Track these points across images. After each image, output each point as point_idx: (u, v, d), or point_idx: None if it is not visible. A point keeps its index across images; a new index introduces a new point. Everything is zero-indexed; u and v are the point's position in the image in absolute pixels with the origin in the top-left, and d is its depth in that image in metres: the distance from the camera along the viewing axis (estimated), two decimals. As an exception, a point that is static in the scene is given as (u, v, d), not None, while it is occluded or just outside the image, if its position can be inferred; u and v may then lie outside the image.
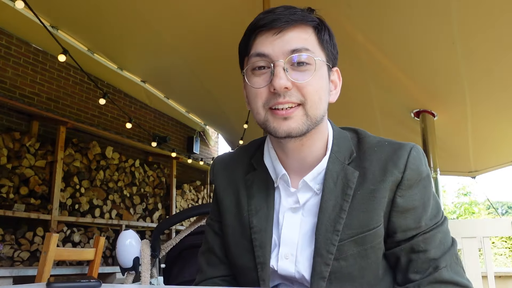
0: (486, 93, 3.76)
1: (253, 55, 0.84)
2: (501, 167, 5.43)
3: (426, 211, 0.86)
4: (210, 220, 1.02)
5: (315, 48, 0.84)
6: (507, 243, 11.17)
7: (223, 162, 1.01)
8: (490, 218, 7.18)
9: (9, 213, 3.87)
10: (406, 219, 0.85)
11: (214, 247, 0.98)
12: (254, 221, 0.89)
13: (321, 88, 0.84)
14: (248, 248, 0.89)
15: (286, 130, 0.82)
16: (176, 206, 6.24)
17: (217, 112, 6.10)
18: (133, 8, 3.87)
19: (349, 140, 0.92)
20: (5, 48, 4.37)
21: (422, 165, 0.86)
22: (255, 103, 0.85)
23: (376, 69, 3.69)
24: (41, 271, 1.94)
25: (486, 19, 2.90)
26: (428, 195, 0.87)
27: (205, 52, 4.38)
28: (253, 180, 0.93)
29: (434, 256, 0.83)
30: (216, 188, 0.99)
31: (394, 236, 0.86)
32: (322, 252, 0.83)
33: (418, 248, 0.84)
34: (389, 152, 0.87)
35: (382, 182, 0.84)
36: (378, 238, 0.85)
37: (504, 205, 18.47)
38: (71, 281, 0.78)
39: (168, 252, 1.73)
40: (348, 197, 0.84)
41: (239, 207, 0.93)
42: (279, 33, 0.82)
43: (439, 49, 3.26)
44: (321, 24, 0.87)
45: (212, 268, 0.98)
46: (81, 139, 4.96)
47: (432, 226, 0.86)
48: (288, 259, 0.87)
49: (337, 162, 0.87)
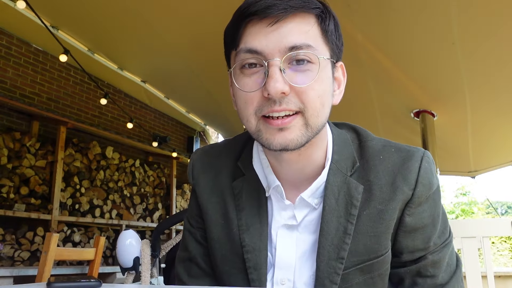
0: (486, 93, 3.76)
1: (243, 50, 0.69)
2: (501, 167, 5.43)
3: (436, 228, 0.77)
4: (190, 226, 0.88)
5: (318, 42, 0.69)
6: (506, 243, 11.17)
7: (203, 162, 0.86)
8: (490, 218, 7.19)
9: (9, 213, 3.87)
10: (414, 240, 0.76)
11: (197, 257, 0.86)
12: (246, 239, 0.77)
13: (325, 92, 0.70)
14: (240, 268, 0.78)
15: (281, 142, 0.68)
16: (176, 206, 6.24)
17: (217, 112, 6.10)
18: (133, 8, 3.87)
19: (350, 144, 0.80)
20: (6, 48, 4.37)
21: (433, 178, 0.76)
22: (245, 110, 0.71)
23: (376, 69, 3.69)
24: (41, 271, 1.94)
25: (486, 19, 2.90)
26: (438, 210, 0.78)
27: (205, 52, 4.38)
28: (242, 187, 0.80)
29: (441, 282, 0.76)
30: (198, 195, 0.84)
31: (400, 256, 0.78)
32: (325, 282, 0.73)
33: (426, 273, 0.76)
34: (397, 162, 0.75)
35: (391, 201, 0.73)
36: (386, 265, 0.76)
37: (504, 205, 18.47)
38: (72, 280, 0.78)
39: (168, 252, 1.73)
40: (352, 218, 0.73)
41: (227, 219, 0.80)
42: (275, 23, 0.66)
43: (439, 49, 3.26)
44: (325, 11, 0.72)
45: (194, 281, 0.86)
46: (81, 139, 4.96)
47: (440, 245, 0.78)
48: (285, 285, 0.77)
49: (338, 174, 0.76)
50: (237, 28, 0.71)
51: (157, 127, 6.46)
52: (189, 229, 0.89)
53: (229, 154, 0.84)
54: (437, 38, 3.16)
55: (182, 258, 0.90)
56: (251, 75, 0.69)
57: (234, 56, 0.72)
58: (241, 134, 0.88)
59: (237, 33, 0.71)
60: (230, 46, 0.73)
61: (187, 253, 0.88)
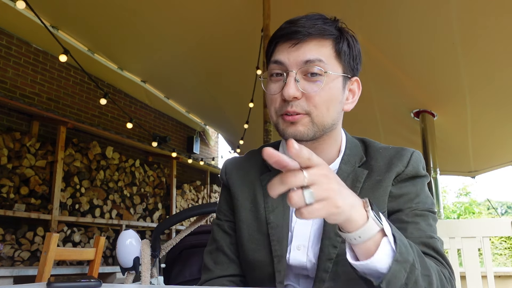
0: (486, 93, 3.76)
1: (272, 62, 0.90)
2: (501, 167, 5.44)
3: (419, 197, 0.91)
4: (218, 220, 1.04)
5: (330, 59, 0.87)
6: (506, 243, 11.17)
7: (235, 163, 1.04)
8: (490, 218, 7.18)
9: (9, 213, 3.87)
10: (398, 202, 0.90)
11: (223, 246, 0.99)
12: (271, 217, 0.93)
13: (331, 99, 0.87)
14: (264, 243, 0.92)
15: (292, 132, 0.87)
16: (176, 206, 6.24)
17: (217, 112, 6.10)
18: (133, 9, 3.87)
19: (359, 147, 0.98)
20: (6, 48, 4.37)
21: (421, 166, 0.93)
22: (270, 108, 0.92)
23: (376, 69, 3.69)
24: (41, 271, 1.94)
25: (486, 19, 2.90)
26: (421, 191, 0.92)
27: (205, 52, 4.38)
28: (269, 180, 0.92)
29: (424, 229, 0.86)
30: (230, 186, 1.01)
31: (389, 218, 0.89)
32: (330, 235, 0.87)
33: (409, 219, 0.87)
34: (393, 152, 0.94)
35: (387, 172, 0.91)
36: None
37: (504, 205, 18.48)
38: (72, 280, 0.78)
39: (168, 252, 1.73)
40: (356, 189, 0.89)
41: (255, 203, 0.96)
42: (296, 44, 0.86)
43: (439, 49, 3.26)
44: (341, 36, 0.90)
45: (220, 267, 0.98)
46: (81, 139, 4.96)
47: (425, 209, 0.90)
48: (300, 250, 0.90)
49: (348, 164, 0.93)
50: (270, 46, 0.93)
51: (157, 127, 6.47)
52: (217, 223, 1.04)
53: (257, 157, 1.02)
54: (437, 38, 3.16)
55: (209, 250, 1.03)
56: (275, 82, 0.89)
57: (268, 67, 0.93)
58: (267, 143, 1.09)
59: (270, 50, 0.93)
60: (267, 59, 0.94)
61: (214, 243, 1.02)
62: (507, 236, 2.11)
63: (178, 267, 1.87)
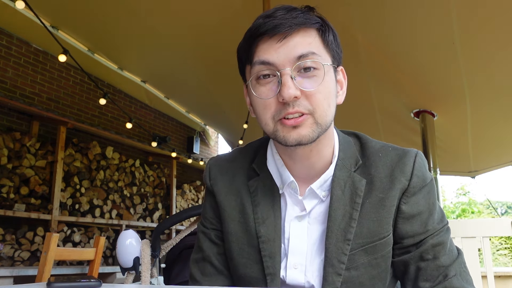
0: (486, 93, 3.76)
1: (257, 63, 0.80)
2: (501, 167, 5.43)
3: (432, 215, 0.85)
4: (204, 228, 0.96)
5: (320, 51, 0.80)
6: (506, 243, 11.17)
7: (220, 166, 0.96)
8: (490, 218, 7.20)
9: (9, 213, 3.87)
10: (413, 225, 0.84)
11: (211, 257, 0.93)
12: (262, 230, 0.86)
13: (330, 94, 0.81)
14: (255, 258, 0.86)
15: (296, 138, 0.79)
16: (176, 206, 6.24)
17: (217, 112, 6.10)
18: (133, 8, 3.87)
19: (352, 145, 0.90)
20: (6, 48, 4.37)
21: (426, 172, 0.87)
22: (263, 115, 0.82)
23: (376, 69, 3.69)
24: (41, 271, 1.94)
25: (486, 19, 2.90)
26: (433, 200, 0.87)
27: (205, 52, 4.38)
28: (257, 186, 0.89)
29: (444, 264, 0.82)
30: (215, 194, 0.93)
31: (402, 242, 0.85)
32: (334, 262, 0.81)
33: (427, 256, 0.83)
34: (394, 158, 0.86)
35: (390, 190, 0.83)
36: (388, 247, 0.84)
37: (504, 205, 18.47)
38: (72, 280, 0.78)
39: (168, 252, 1.73)
40: (357, 205, 0.83)
41: (243, 214, 0.89)
42: (283, 39, 0.78)
43: (439, 49, 3.26)
44: (324, 25, 0.83)
45: (207, 279, 0.93)
46: (81, 139, 4.96)
47: (440, 229, 0.85)
48: (298, 269, 0.85)
49: (343, 169, 0.86)
50: (250, 46, 0.82)
51: (157, 127, 6.46)
52: (203, 231, 0.96)
53: (243, 158, 0.95)
54: (437, 38, 3.16)
55: (196, 259, 0.96)
56: (266, 84, 0.80)
57: (249, 70, 0.83)
58: (253, 141, 0.99)
59: (250, 50, 0.82)
60: (245, 61, 0.85)
61: (200, 253, 0.95)
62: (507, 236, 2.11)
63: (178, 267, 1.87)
